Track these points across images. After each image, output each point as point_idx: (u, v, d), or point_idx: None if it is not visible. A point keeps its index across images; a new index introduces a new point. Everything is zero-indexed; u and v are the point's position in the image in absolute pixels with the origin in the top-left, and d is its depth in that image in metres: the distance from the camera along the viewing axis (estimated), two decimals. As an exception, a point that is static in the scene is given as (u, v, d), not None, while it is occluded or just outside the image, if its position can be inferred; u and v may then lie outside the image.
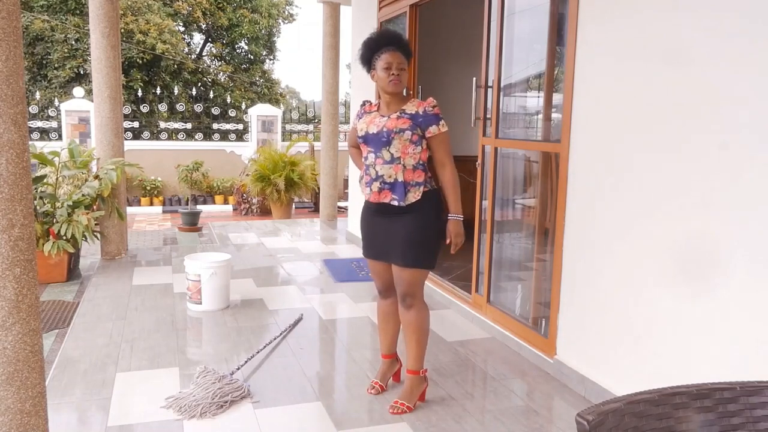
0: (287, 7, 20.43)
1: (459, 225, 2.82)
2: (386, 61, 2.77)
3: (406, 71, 2.80)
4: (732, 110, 2.32)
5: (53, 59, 15.85)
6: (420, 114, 2.78)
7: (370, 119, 2.88)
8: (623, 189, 2.86)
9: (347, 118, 11.99)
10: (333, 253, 6.40)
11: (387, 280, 2.99)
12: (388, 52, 2.78)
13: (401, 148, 2.76)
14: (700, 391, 1.38)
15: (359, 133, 2.90)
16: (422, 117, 2.77)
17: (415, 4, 5.22)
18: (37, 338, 1.99)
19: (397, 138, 2.75)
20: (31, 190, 1.95)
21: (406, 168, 2.77)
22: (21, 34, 1.89)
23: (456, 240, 2.82)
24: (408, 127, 2.75)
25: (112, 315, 4.25)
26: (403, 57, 2.79)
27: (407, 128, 2.75)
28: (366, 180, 2.87)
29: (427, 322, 2.93)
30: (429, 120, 2.77)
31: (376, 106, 2.93)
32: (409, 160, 2.77)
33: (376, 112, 2.89)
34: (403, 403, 2.89)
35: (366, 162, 2.87)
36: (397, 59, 2.77)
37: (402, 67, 2.78)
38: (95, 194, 5.51)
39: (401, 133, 2.75)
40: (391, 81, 2.77)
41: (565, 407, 3.03)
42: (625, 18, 2.82)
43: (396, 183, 2.78)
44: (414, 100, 2.85)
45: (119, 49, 5.83)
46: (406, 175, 2.77)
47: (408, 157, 2.77)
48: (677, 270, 2.58)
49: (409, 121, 2.76)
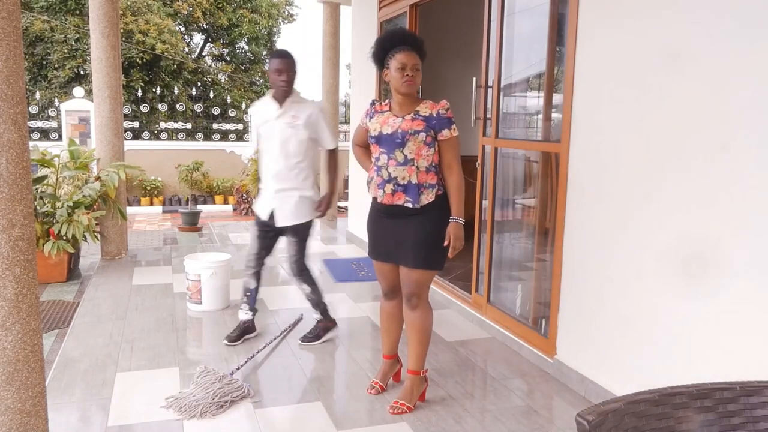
0: (287, 7, 20.43)
1: (460, 229, 2.79)
2: (401, 61, 2.71)
3: (420, 72, 2.76)
4: (732, 110, 2.32)
5: (53, 59, 15.84)
6: (434, 117, 2.75)
7: (383, 119, 2.82)
8: (623, 189, 2.86)
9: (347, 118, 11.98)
10: (333, 253, 6.40)
11: (393, 282, 2.98)
12: (403, 52, 2.72)
13: (415, 149, 2.74)
14: (700, 391, 1.38)
15: (372, 132, 2.85)
16: (436, 120, 2.75)
17: (415, 4, 5.22)
18: (37, 338, 1.99)
19: (411, 140, 2.73)
20: (31, 190, 1.95)
21: (419, 170, 2.75)
22: (21, 34, 1.89)
23: (455, 244, 2.78)
24: (423, 129, 2.73)
25: (112, 315, 4.25)
26: (418, 57, 2.74)
27: (422, 130, 2.72)
28: (378, 182, 2.82)
29: (431, 324, 2.93)
30: (442, 123, 2.75)
31: (387, 106, 2.87)
32: (423, 161, 2.75)
33: (388, 112, 2.84)
34: (403, 403, 2.89)
35: (378, 163, 2.82)
36: (412, 60, 2.72)
37: (417, 68, 2.74)
38: (96, 195, 5.51)
39: (416, 134, 2.72)
40: (405, 81, 2.72)
41: (565, 407, 3.03)
42: (625, 18, 2.82)
43: (409, 185, 2.76)
44: (427, 101, 2.81)
45: (119, 49, 5.84)
46: (419, 177, 2.75)
47: (422, 159, 2.75)
48: (677, 270, 2.58)
49: (424, 123, 2.74)
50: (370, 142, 2.88)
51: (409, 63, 2.71)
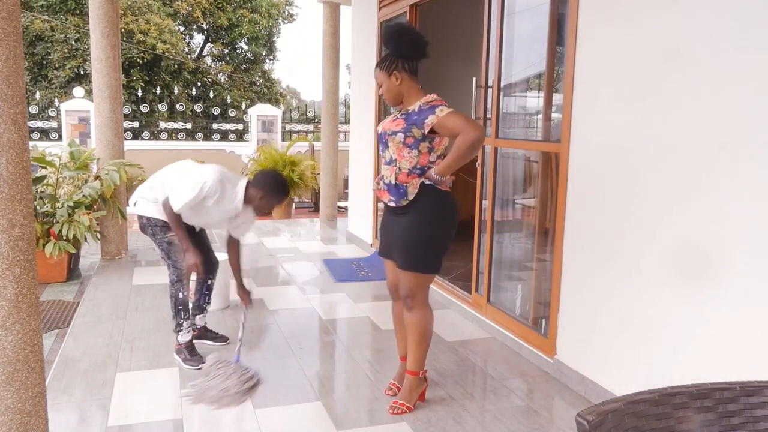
0: (287, 7, 20.43)
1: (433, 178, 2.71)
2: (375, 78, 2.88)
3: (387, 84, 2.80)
4: (733, 110, 2.32)
5: (53, 59, 15.84)
6: (415, 112, 2.74)
7: (387, 119, 2.91)
8: (623, 189, 2.86)
9: (347, 118, 11.97)
10: (333, 253, 6.40)
11: (396, 280, 2.98)
12: (376, 69, 2.86)
13: (396, 150, 2.76)
14: (700, 391, 1.38)
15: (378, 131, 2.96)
16: (416, 114, 2.73)
17: (415, 4, 5.22)
18: (37, 338, 1.99)
19: (390, 140, 2.76)
20: (31, 190, 1.95)
21: (401, 170, 2.75)
22: (21, 34, 1.89)
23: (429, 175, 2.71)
24: (401, 129, 2.72)
25: (112, 315, 4.25)
26: (378, 72, 2.82)
27: (399, 131, 2.73)
28: (378, 177, 2.92)
29: (429, 326, 2.90)
30: (423, 114, 2.70)
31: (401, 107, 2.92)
32: (405, 163, 2.75)
33: (396, 112, 2.91)
34: (403, 403, 2.89)
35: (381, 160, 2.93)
36: (376, 77, 2.86)
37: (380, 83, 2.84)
38: (96, 195, 5.51)
39: (393, 135, 2.75)
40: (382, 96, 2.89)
41: (565, 407, 3.03)
42: (625, 17, 2.82)
43: (390, 185, 2.78)
44: (425, 96, 2.79)
45: (119, 49, 5.84)
46: (399, 178, 2.75)
47: (404, 161, 2.75)
48: (677, 270, 2.58)
49: (404, 122, 2.73)
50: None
51: (377, 81, 2.86)
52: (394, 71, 2.77)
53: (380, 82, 2.82)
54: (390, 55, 2.80)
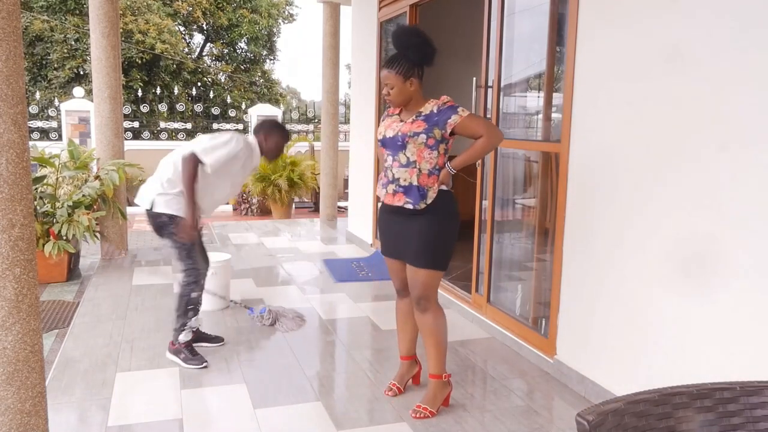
0: (287, 7, 20.44)
1: (448, 177, 2.80)
2: (382, 78, 2.85)
3: (399, 88, 2.77)
4: (733, 110, 2.32)
5: (53, 59, 15.84)
6: (435, 112, 2.75)
7: (389, 123, 2.88)
8: (623, 189, 2.86)
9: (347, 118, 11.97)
10: (333, 253, 6.40)
11: (404, 279, 2.98)
12: (383, 70, 2.83)
13: (416, 152, 2.74)
14: (700, 391, 1.38)
15: (379, 136, 2.91)
16: (437, 115, 2.74)
17: (415, 4, 5.22)
18: (37, 338, 1.99)
19: (411, 142, 2.74)
20: (31, 190, 1.95)
21: (421, 172, 2.75)
22: (21, 34, 1.90)
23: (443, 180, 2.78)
24: (423, 130, 2.73)
25: (112, 315, 4.25)
26: (394, 76, 2.77)
27: (422, 131, 2.73)
28: (383, 181, 2.88)
29: (444, 325, 2.91)
30: (445, 114, 2.73)
31: (398, 110, 2.91)
32: (425, 164, 2.75)
33: (396, 116, 2.89)
34: (426, 408, 2.87)
35: (385, 164, 2.87)
36: (386, 80, 2.81)
37: (391, 86, 2.79)
38: (96, 194, 5.52)
39: (415, 136, 2.73)
40: (385, 97, 2.86)
41: (565, 407, 3.03)
42: (625, 18, 2.82)
43: (410, 187, 2.76)
44: (432, 100, 2.81)
45: (119, 49, 5.84)
46: (421, 179, 2.75)
47: (424, 162, 2.75)
48: (677, 269, 2.58)
49: (424, 124, 2.74)
50: (378, 145, 2.93)
51: (384, 82, 2.82)
52: (411, 77, 2.78)
53: (392, 85, 2.78)
54: (406, 60, 2.77)
